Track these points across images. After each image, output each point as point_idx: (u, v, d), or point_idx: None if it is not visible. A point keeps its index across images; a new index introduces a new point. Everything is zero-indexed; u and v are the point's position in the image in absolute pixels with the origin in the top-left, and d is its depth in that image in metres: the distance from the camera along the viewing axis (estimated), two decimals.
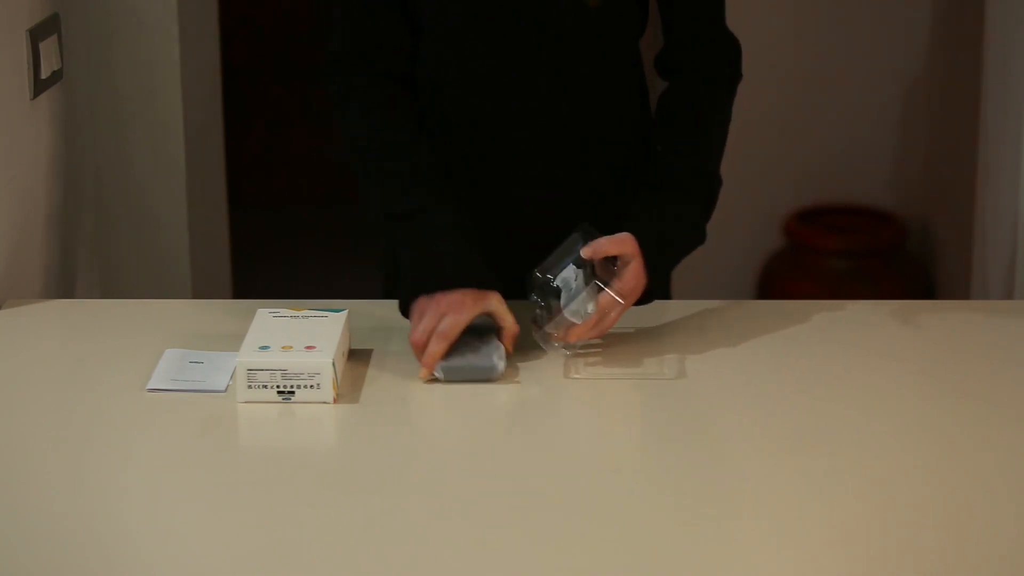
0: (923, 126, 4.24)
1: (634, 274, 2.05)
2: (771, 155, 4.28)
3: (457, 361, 2.00)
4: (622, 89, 2.21)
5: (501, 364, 2.00)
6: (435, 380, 2.00)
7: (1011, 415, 1.94)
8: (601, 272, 2.04)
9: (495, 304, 2.03)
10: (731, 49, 2.23)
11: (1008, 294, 2.99)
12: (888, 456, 1.85)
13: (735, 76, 2.24)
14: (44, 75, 2.48)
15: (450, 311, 2.00)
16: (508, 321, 2.03)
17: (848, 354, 2.11)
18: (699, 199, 2.16)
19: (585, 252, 2.02)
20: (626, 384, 2.02)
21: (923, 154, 4.26)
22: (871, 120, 4.26)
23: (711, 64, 2.21)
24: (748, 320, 2.20)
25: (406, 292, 2.06)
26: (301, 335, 2.01)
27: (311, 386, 1.95)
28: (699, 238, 2.18)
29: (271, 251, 4.89)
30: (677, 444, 1.89)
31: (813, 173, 4.29)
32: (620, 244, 2.05)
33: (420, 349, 2.00)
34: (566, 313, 2.01)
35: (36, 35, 2.45)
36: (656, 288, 2.11)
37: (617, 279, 2.04)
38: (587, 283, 2.01)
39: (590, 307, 2.01)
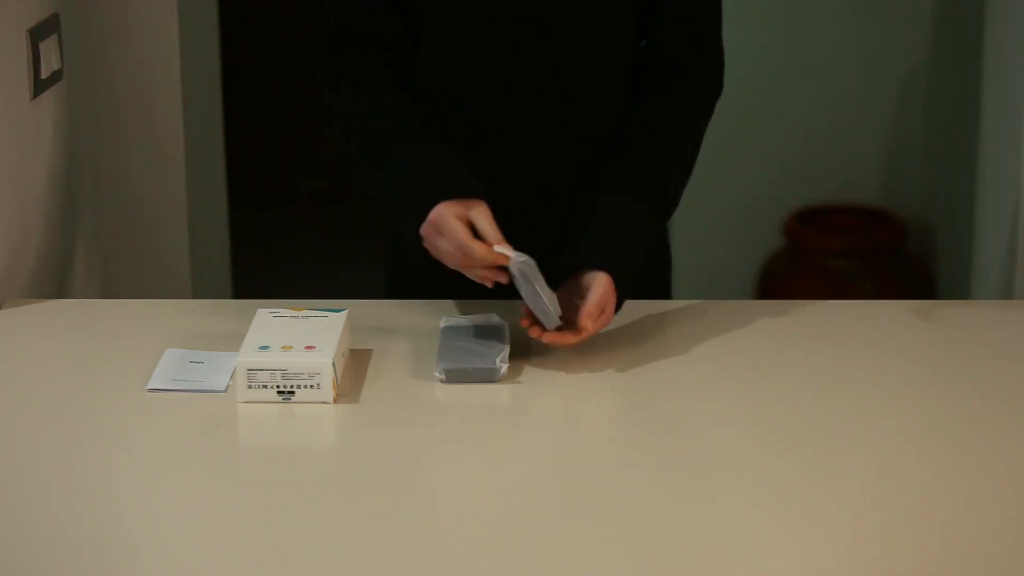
0: (923, 126, 4.24)
1: (598, 281, 2.02)
2: (771, 155, 4.28)
3: (459, 363, 2.00)
4: (624, 90, 2.20)
5: (503, 366, 2.00)
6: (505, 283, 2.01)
7: (1012, 414, 1.94)
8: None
9: (476, 214, 2.00)
10: (712, 64, 2.19)
11: (1008, 294, 2.99)
12: (890, 455, 1.85)
13: (711, 92, 2.20)
14: (44, 75, 2.48)
15: (436, 231, 2.00)
16: (487, 232, 1.99)
17: (848, 354, 2.11)
18: (644, 209, 2.11)
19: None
20: (626, 384, 2.02)
21: (923, 154, 4.26)
22: (871, 120, 4.26)
23: (688, 83, 2.18)
24: (748, 320, 2.20)
25: (402, 228, 2.06)
26: (301, 335, 2.01)
27: (311, 386, 1.95)
28: (649, 236, 2.14)
29: (271, 251, 4.89)
30: (678, 444, 1.89)
31: (813, 173, 4.29)
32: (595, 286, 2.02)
33: (470, 266, 2.00)
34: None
35: (36, 35, 2.45)
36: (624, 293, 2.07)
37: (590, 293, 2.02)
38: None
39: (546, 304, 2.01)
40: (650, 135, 2.15)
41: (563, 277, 2.05)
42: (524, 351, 2.08)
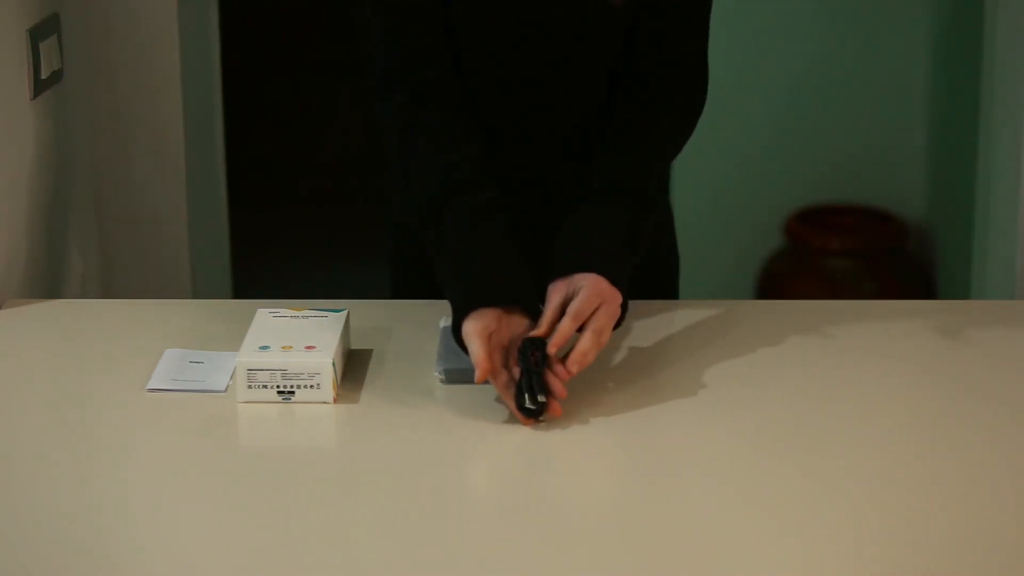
0: (923, 126, 4.24)
1: (587, 281, 1.95)
2: (771, 155, 4.28)
3: (459, 363, 2.00)
4: None
5: None
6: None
7: (1012, 414, 1.94)
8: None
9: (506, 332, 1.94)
10: (693, 78, 2.14)
11: (1008, 294, 3.00)
12: (889, 455, 1.85)
13: (692, 105, 2.15)
14: (44, 75, 2.48)
15: (467, 336, 1.93)
16: (541, 324, 1.93)
17: (848, 354, 2.11)
18: (619, 210, 2.04)
19: (552, 346, 1.91)
20: (625, 383, 2.02)
21: (923, 154, 4.26)
22: (871, 120, 4.26)
23: (669, 91, 2.13)
24: (748, 320, 2.20)
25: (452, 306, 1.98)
26: (301, 335, 2.01)
27: (311, 386, 1.95)
28: (634, 247, 2.03)
29: (271, 251, 4.89)
30: (677, 443, 1.89)
31: (813, 173, 4.29)
32: (555, 296, 1.96)
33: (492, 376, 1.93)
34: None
35: (36, 35, 2.45)
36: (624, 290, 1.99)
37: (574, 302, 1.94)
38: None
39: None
40: (624, 141, 2.10)
41: (551, 290, 1.98)
42: None
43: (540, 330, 1.94)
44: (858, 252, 4.18)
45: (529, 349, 1.91)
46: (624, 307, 1.99)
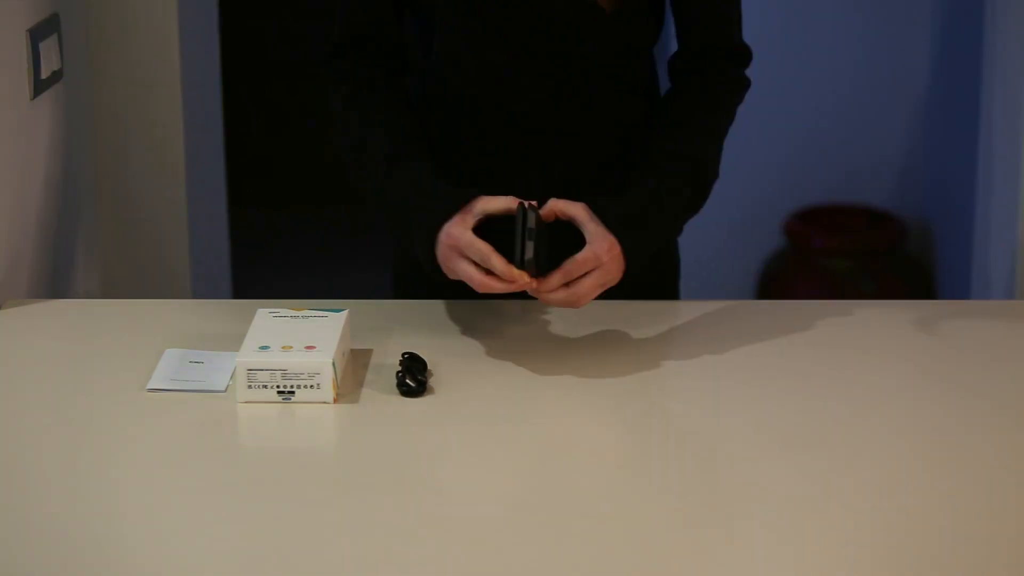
0: (923, 126, 4.24)
1: (600, 237, 2.01)
2: (771, 155, 4.28)
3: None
4: (632, 95, 2.20)
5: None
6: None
7: (1012, 415, 1.94)
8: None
9: (484, 205, 2.03)
10: (740, 58, 2.26)
11: (1008, 294, 3.00)
12: (889, 456, 1.85)
13: (739, 80, 2.25)
14: (44, 75, 2.48)
15: (450, 242, 2.01)
16: (499, 204, 2.02)
17: (848, 354, 2.11)
18: (678, 182, 2.12)
19: (544, 210, 2.03)
20: (626, 383, 2.02)
21: (923, 154, 4.26)
22: (871, 120, 4.26)
23: (717, 71, 2.22)
24: (748, 320, 2.20)
25: (417, 249, 2.08)
26: (301, 335, 2.01)
27: (311, 386, 1.95)
28: (675, 224, 2.17)
29: (271, 251, 4.89)
30: (677, 444, 1.89)
31: (813, 173, 4.29)
32: (570, 206, 2.03)
33: (487, 288, 2.00)
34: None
35: (36, 35, 2.45)
36: (633, 266, 2.05)
37: (588, 245, 2.01)
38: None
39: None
40: (685, 114, 2.18)
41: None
42: (525, 349, 2.08)
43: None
44: (858, 252, 4.17)
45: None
46: (627, 272, 2.03)
